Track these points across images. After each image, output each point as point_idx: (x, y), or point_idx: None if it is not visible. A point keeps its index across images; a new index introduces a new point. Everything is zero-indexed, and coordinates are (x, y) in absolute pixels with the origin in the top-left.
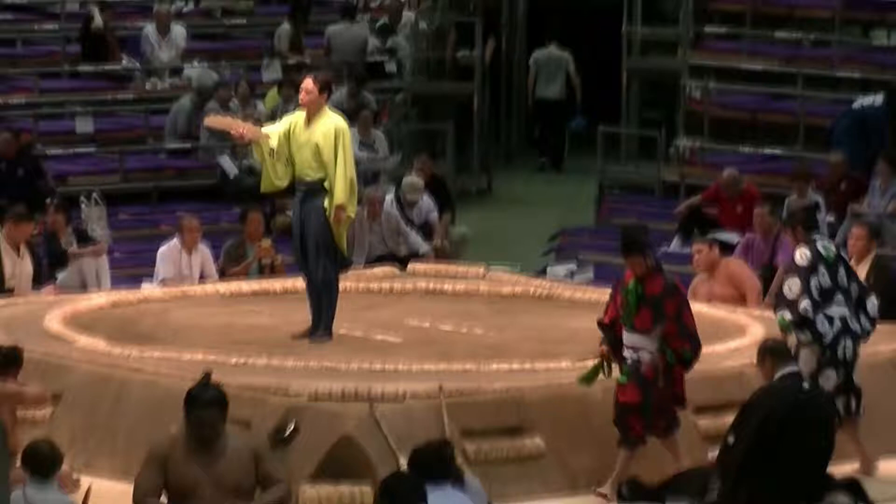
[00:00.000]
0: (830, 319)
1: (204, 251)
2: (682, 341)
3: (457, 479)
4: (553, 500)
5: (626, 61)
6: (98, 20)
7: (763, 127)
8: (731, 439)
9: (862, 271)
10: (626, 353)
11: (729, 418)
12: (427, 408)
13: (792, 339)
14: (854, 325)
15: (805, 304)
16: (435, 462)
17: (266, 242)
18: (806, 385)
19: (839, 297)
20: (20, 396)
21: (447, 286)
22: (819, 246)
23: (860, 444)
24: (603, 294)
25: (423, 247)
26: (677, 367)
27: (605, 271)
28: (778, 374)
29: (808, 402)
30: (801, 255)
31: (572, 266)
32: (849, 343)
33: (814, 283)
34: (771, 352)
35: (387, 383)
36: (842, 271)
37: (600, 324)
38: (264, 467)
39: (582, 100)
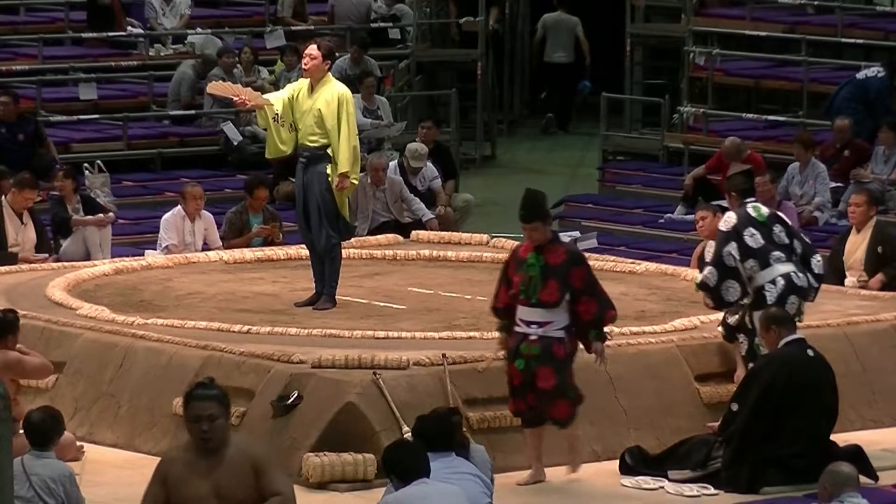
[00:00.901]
0: (773, 282)
1: (207, 218)
2: (608, 312)
3: (462, 448)
4: (555, 468)
5: (629, 28)
6: None
7: (767, 93)
8: (734, 407)
9: (863, 238)
10: (530, 329)
11: (731, 386)
12: (430, 375)
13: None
14: (800, 281)
15: (706, 271)
16: (440, 430)
17: (272, 226)
18: (810, 352)
19: (777, 253)
20: (22, 366)
21: (450, 254)
22: (749, 207)
23: None
24: (606, 262)
25: (427, 214)
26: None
27: (608, 239)
28: (782, 342)
29: (811, 369)
30: (724, 220)
31: (576, 233)
32: (795, 300)
33: (730, 248)
34: (775, 320)
35: (390, 351)
36: (778, 228)
37: (495, 310)
38: (265, 478)
39: (590, 63)
